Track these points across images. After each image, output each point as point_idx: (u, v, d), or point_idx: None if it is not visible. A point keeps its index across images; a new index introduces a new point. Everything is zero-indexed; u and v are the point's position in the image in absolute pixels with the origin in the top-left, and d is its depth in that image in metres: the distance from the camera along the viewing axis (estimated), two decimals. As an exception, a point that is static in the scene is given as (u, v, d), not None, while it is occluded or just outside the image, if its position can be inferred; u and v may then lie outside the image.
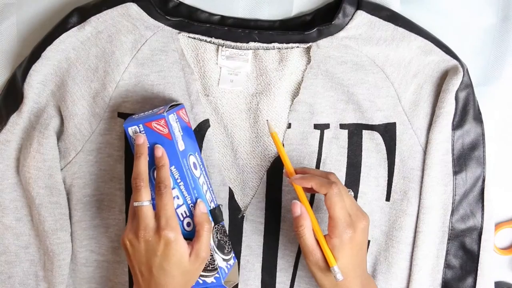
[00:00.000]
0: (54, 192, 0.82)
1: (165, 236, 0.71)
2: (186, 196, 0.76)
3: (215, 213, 0.79)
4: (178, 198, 0.76)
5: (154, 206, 0.74)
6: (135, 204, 0.73)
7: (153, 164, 0.75)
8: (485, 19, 0.86)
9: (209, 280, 0.78)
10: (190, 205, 0.76)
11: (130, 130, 0.75)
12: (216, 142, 0.84)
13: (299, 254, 0.85)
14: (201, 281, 0.78)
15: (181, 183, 0.75)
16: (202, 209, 0.75)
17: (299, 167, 0.77)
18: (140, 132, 0.75)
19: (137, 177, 0.73)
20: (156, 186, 0.73)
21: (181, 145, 0.76)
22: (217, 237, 0.79)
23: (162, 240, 0.71)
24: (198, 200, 0.75)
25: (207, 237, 0.74)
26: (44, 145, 0.81)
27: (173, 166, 0.75)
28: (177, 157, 0.75)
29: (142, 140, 0.74)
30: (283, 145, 0.83)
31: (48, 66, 0.81)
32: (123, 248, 0.74)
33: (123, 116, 0.82)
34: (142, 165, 0.74)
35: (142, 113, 0.77)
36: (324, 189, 0.72)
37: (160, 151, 0.74)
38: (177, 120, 0.77)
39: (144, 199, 0.73)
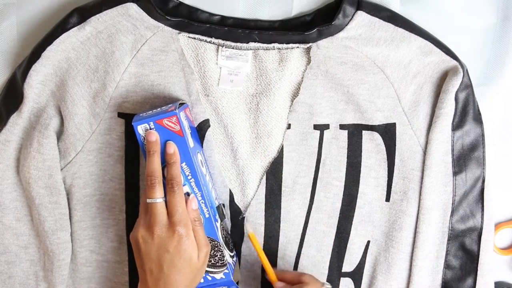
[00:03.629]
0: (54, 192, 0.82)
1: (178, 232, 0.72)
2: (197, 193, 0.76)
3: (220, 210, 0.79)
4: (188, 195, 0.76)
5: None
6: (149, 201, 0.73)
7: (163, 161, 0.75)
8: (485, 19, 0.86)
9: (218, 276, 0.78)
10: (200, 201, 0.76)
11: (140, 128, 0.75)
12: (216, 142, 0.84)
13: (299, 254, 0.85)
14: (209, 278, 0.78)
15: (192, 180, 0.76)
16: (194, 206, 0.75)
17: (278, 270, 0.81)
18: (150, 129, 0.75)
19: (152, 174, 0.74)
20: (167, 183, 0.74)
21: (191, 142, 0.76)
22: (223, 234, 0.80)
23: (175, 236, 0.72)
24: (191, 196, 0.75)
25: (202, 231, 0.75)
26: (44, 145, 0.81)
27: (184, 163, 0.75)
28: (189, 154, 0.75)
29: (155, 137, 0.75)
30: (283, 145, 0.83)
31: (48, 66, 0.81)
32: (134, 245, 0.75)
33: (123, 116, 0.82)
34: (155, 162, 0.74)
35: (150, 111, 0.77)
36: None
37: (172, 148, 0.74)
38: (185, 118, 0.77)
39: (157, 196, 0.73)
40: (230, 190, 0.84)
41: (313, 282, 0.77)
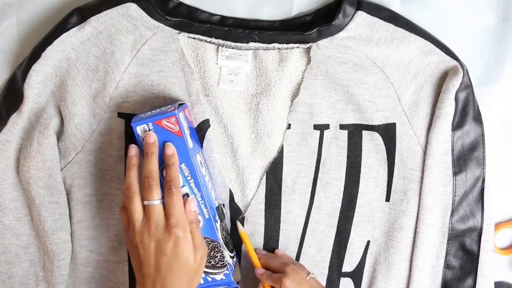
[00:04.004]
0: (54, 192, 0.82)
1: (176, 234, 0.72)
2: (197, 194, 0.76)
3: (220, 211, 0.79)
4: (188, 196, 0.76)
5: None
6: (146, 202, 0.73)
7: (162, 162, 0.75)
8: (485, 19, 0.86)
9: (218, 277, 0.78)
10: (200, 202, 0.76)
11: (139, 128, 0.75)
12: (216, 142, 0.84)
13: (299, 254, 0.85)
14: (210, 279, 0.78)
15: (192, 181, 0.76)
16: (192, 207, 0.75)
17: (266, 256, 0.83)
18: (149, 130, 0.75)
19: (149, 175, 0.73)
20: (165, 184, 0.73)
21: (190, 143, 0.76)
22: (223, 235, 0.80)
23: (172, 238, 0.72)
24: (190, 197, 0.75)
25: (198, 233, 0.74)
26: (44, 145, 0.81)
27: (183, 164, 0.75)
28: (188, 155, 0.75)
29: (153, 139, 0.74)
30: (283, 145, 0.83)
31: (48, 66, 0.81)
32: (132, 248, 0.74)
33: (123, 116, 0.82)
34: (153, 163, 0.74)
35: (149, 112, 0.77)
36: (277, 285, 0.77)
37: (170, 149, 0.74)
38: (185, 118, 0.77)
39: (155, 197, 0.73)
40: (230, 190, 0.84)
41: (295, 272, 0.77)
